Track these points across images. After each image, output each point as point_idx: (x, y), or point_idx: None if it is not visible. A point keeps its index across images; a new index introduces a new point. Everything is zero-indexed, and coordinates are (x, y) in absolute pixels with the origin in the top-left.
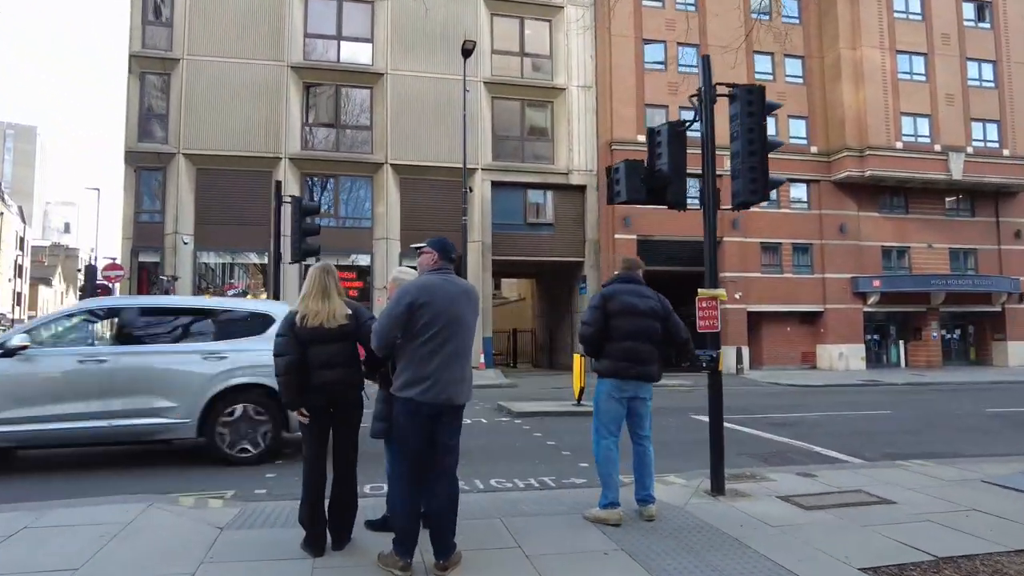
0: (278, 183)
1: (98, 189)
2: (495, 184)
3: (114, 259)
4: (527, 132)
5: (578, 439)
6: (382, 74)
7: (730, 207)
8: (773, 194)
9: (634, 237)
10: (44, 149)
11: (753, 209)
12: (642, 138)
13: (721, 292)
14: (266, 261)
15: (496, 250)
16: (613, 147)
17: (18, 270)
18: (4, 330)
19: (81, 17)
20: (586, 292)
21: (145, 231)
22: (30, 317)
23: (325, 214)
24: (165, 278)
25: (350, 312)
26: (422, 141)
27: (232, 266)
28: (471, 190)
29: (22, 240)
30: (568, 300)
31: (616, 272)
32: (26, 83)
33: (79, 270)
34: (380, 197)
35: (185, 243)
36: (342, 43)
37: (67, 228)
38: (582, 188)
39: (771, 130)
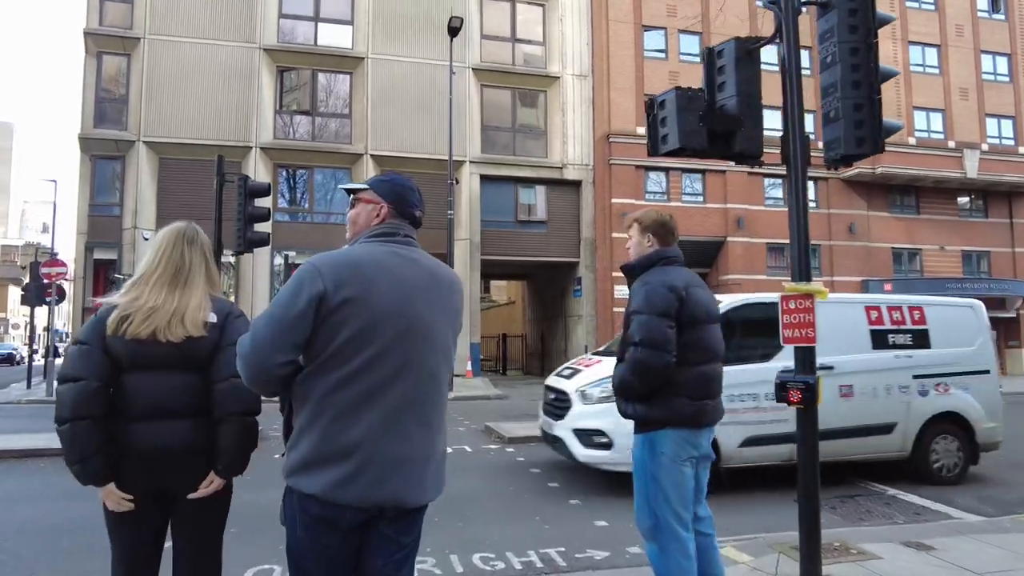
0: (220, 158)
1: (55, 181)
2: (484, 178)
3: (56, 254)
4: (519, 123)
5: (586, 479)
6: (362, 58)
7: (829, 163)
8: (778, 191)
9: None
10: (21, 147)
11: (758, 208)
12: (642, 130)
13: (819, 288)
14: (232, 260)
15: (485, 249)
16: (611, 139)
17: None
18: None
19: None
20: (581, 295)
21: (101, 225)
22: (0, 319)
23: (299, 209)
24: (122, 276)
25: (213, 317)
26: (405, 131)
27: None
28: (457, 182)
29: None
30: (562, 303)
31: (654, 245)
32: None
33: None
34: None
35: (145, 239)
36: (320, 25)
37: (45, 228)
38: (577, 183)
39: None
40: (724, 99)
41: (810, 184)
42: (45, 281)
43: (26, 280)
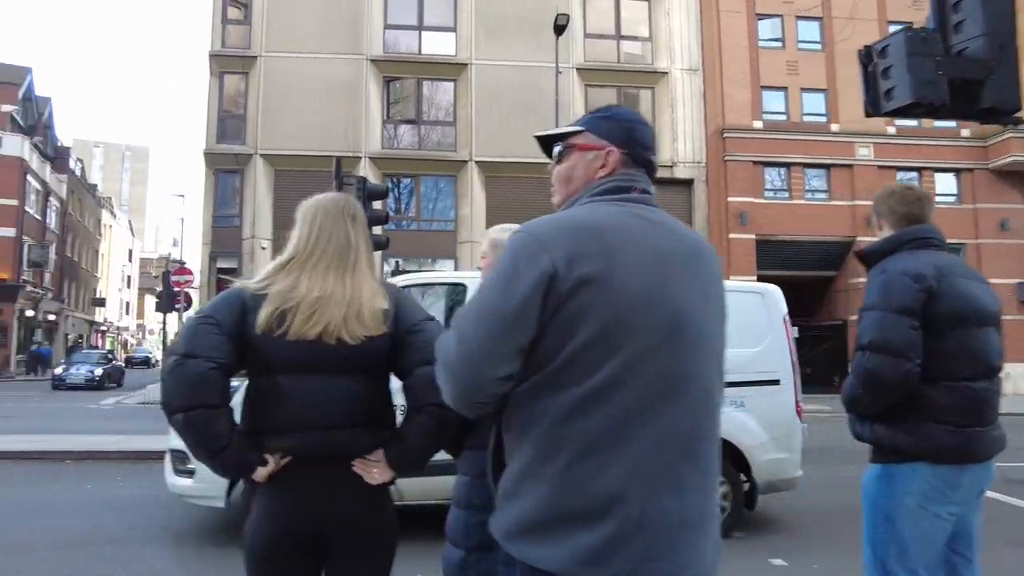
0: (337, 161)
1: (183, 195)
2: None
3: (184, 263)
4: None
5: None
6: (466, 64)
7: None
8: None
9: (752, 237)
10: (155, 172)
11: None
12: (759, 124)
13: None
14: None
15: None
16: (725, 135)
17: (127, 281)
18: (114, 340)
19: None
20: None
21: (223, 236)
22: (138, 325)
23: (405, 216)
24: None
25: (387, 307)
26: (509, 135)
27: None
28: None
29: (131, 252)
30: None
31: (898, 214)
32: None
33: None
34: (464, 197)
35: (263, 248)
36: (423, 33)
37: (175, 241)
38: (688, 182)
39: None
40: (964, 41)
41: (950, 176)
42: (175, 289)
43: (159, 289)
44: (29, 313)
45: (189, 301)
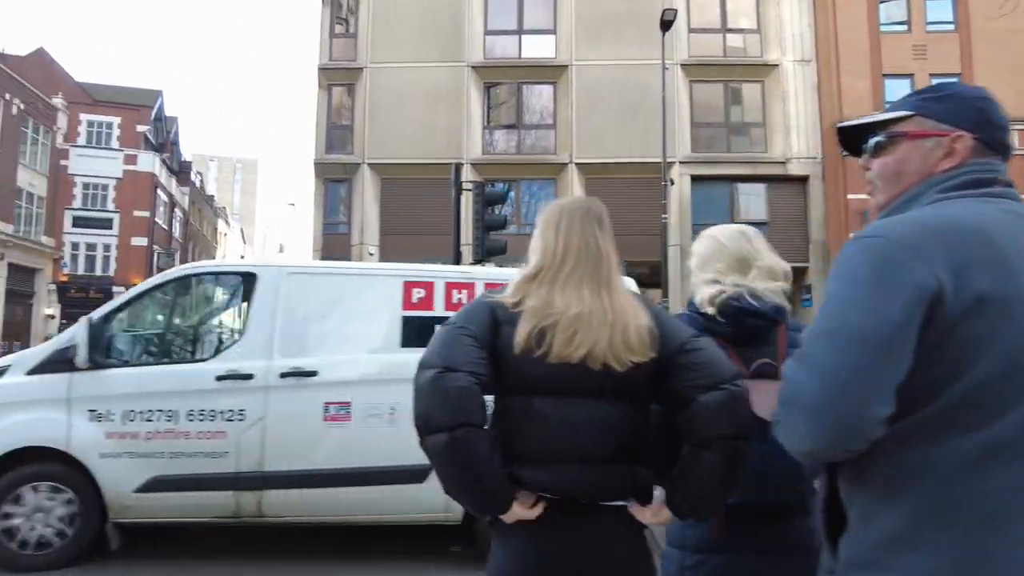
0: (456, 167)
1: (294, 204)
2: (695, 179)
3: None
4: (732, 118)
5: None
6: (566, 66)
7: None
8: None
9: None
10: (263, 183)
11: None
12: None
13: None
14: None
15: None
16: None
17: None
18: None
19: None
20: (811, 304)
21: (333, 243)
22: None
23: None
24: None
25: (651, 325)
26: (610, 136)
27: None
28: (672, 182)
29: (243, 259)
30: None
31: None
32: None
33: None
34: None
35: (371, 254)
36: (523, 37)
37: (281, 248)
38: (803, 179)
39: None
40: None
41: None
42: None
43: None
44: None
45: None
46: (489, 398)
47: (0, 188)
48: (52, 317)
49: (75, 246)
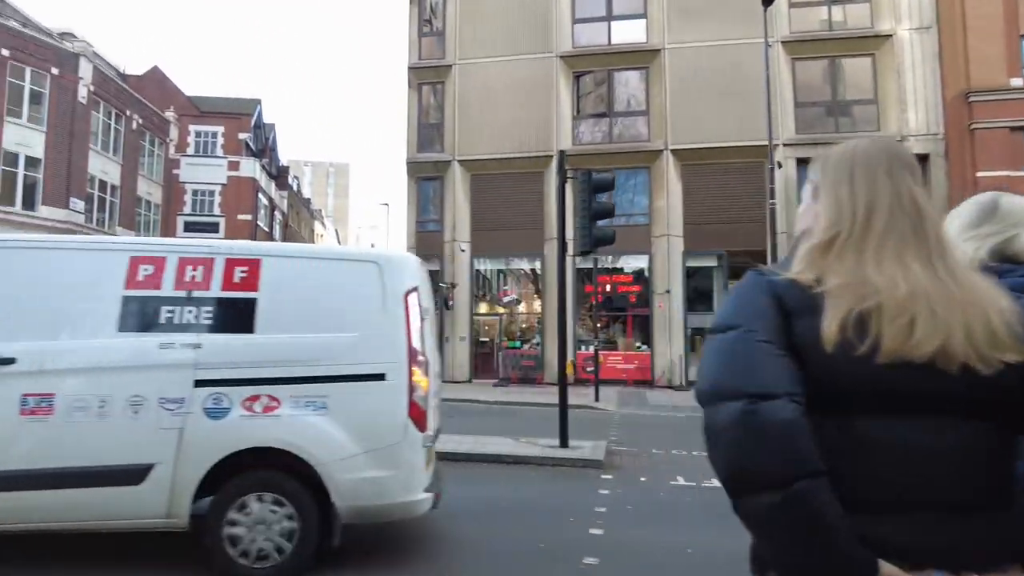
0: (561, 153)
1: (387, 204)
2: (801, 162)
3: None
4: (840, 95)
5: None
6: (658, 50)
7: None
8: None
9: None
10: (354, 184)
11: None
12: (1018, 81)
13: None
14: (537, 266)
15: None
16: (971, 98)
17: None
18: None
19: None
20: None
21: (426, 240)
22: None
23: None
24: (444, 285)
25: (1017, 307)
26: (707, 120)
27: (505, 272)
28: (780, 165)
29: None
30: None
31: None
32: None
33: None
34: (659, 189)
35: (462, 250)
36: (613, 24)
37: (371, 246)
38: (923, 158)
39: None
40: None
41: None
42: None
43: None
44: None
45: None
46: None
47: (124, 198)
48: None
49: None
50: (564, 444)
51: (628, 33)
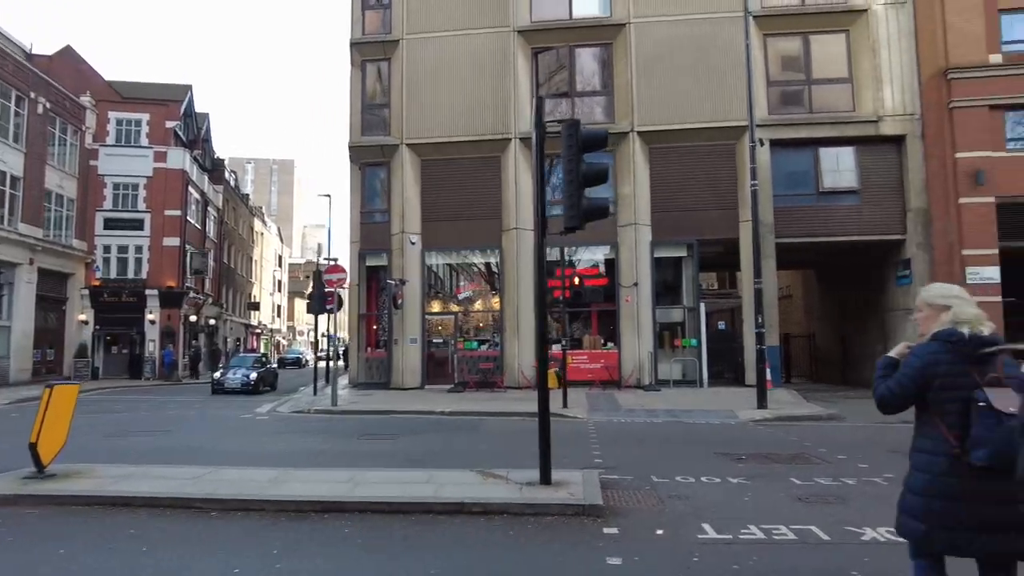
0: (539, 98)
1: (329, 195)
2: (775, 144)
3: (335, 260)
4: (815, 74)
5: None
6: (623, 24)
7: None
8: None
9: (991, 200)
10: (300, 181)
11: None
12: (998, 58)
13: None
14: (494, 260)
15: (780, 231)
16: (949, 76)
17: (277, 285)
18: (267, 342)
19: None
20: (910, 282)
21: (372, 232)
22: (288, 327)
23: (558, 201)
24: (393, 282)
25: None
26: (675, 101)
27: (458, 267)
28: (761, 143)
29: (280, 258)
30: (877, 295)
31: None
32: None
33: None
34: (625, 174)
35: (412, 243)
36: None
37: (319, 249)
38: (899, 139)
39: None
40: None
41: None
42: (327, 289)
43: (308, 292)
44: (192, 318)
45: (340, 303)
46: None
47: (28, 191)
48: (86, 323)
49: (107, 249)
50: (546, 479)
51: (591, 6)
